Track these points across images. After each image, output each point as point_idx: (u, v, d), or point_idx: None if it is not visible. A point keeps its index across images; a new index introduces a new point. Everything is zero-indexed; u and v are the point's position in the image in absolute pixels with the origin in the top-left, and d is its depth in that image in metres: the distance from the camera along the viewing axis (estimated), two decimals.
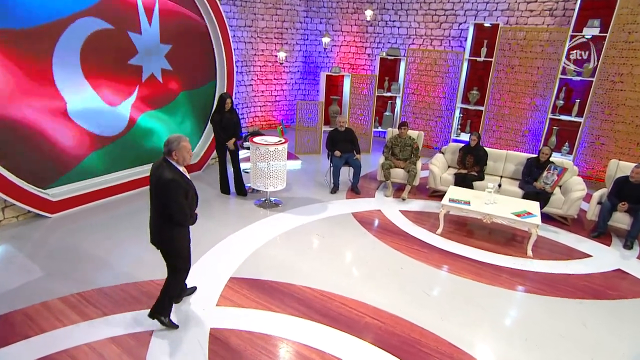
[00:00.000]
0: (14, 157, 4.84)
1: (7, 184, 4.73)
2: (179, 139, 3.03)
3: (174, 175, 2.97)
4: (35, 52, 4.79)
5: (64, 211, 5.33)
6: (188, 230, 3.31)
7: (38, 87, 4.91)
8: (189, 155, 3.10)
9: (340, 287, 4.07)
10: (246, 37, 9.36)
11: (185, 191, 3.04)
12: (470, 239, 5.17)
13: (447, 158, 6.74)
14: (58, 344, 3.19)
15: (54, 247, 4.59)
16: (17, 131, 4.82)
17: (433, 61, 8.54)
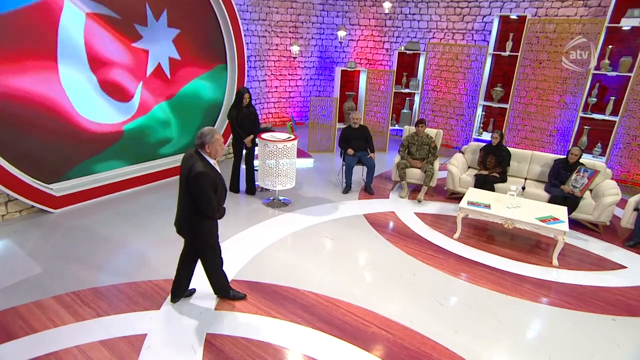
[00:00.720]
0: (19, 151, 4.83)
1: (10, 178, 4.71)
2: (212, 132, 3.05)
3: (205, 168, 2.99)
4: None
5: (67, 207, 5.30)
6: (216, 222, 3.30)
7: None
8: (221, 149, 3.14)
9: (347, 293, 3.87)
10: (260, 31, 9.24)
11: (215, 185, 3.06)
12: (490, 245, 4.89)
13: (467, 158, 6.44)
14: (47, 345, 3.10)
15: (54, 244, 4.54)
16: (22, 124, 4.81)
17: (455, 56, 8.22)
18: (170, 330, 3.31)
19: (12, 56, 4.58)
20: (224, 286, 3.63)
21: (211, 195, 3.04)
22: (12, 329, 3.24)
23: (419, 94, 8.63)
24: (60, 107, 5.12)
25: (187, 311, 3.54)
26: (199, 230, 3.20)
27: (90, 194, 5.51)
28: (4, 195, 4.83)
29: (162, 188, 6.14)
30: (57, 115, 5.11)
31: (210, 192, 3.03)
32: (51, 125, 5.07)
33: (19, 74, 4.66)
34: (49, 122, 5.04)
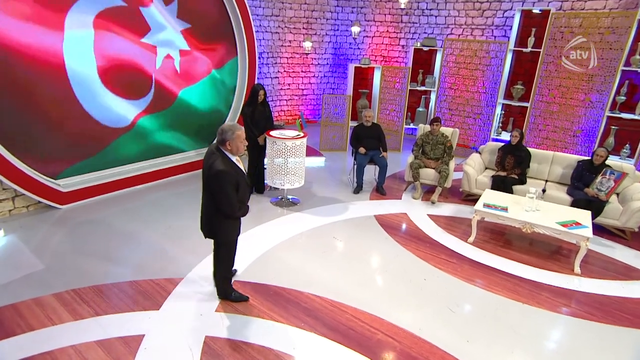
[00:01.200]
0: (28, 145, 4.85)
1: (18, 173, 4.73)
2: (233, 128, 2.99)
3: (225, 166, 2.96)
4: None
5: (74, 203, 5.31)
6: (239, 222, 3.30)
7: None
8: (242, 145, 3.06)
9: (354, 297, 3.74)
10: (273, 27, 9.16)
11: (235, 183, 3.02)
12: (507, 250, 4.68)
13: (485, 158, 6.22)
14: (43, 344, 3.06)
15: (59, 240, 4.54)
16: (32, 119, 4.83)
17: (473, 52, 7.98)
18: (169, 332, 3.23)
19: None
20: (226, 289, 3.58)
21: (231, 194, 3.00)
22: (9, 326, 3.22)
23: (435, 91, 8.42)
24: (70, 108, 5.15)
25: (187, 312, 3.46)
26: (217, 227, 3.22)
27: (98, 190, 5.51)
28: (11, 190, 4.86)
29: (170, 185, 6.12)
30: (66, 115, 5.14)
31: (231, 191, 2.99)
32: (60, 121, 5.09)
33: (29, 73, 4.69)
34: (57, 118, 5.06)
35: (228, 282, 3.60)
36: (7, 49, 4.46)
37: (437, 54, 8.52)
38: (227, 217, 3.14)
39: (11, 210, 4.97)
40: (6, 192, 4.86)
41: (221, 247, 3.38)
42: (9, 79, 4.56)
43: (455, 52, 8.17)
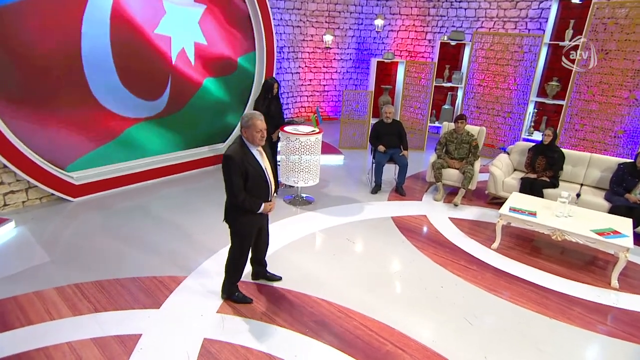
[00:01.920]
0: (40, 139, 4.90)
1: (31, 165, 4.78)
2: (251, 116, 2.99)
3: (232, 152, 2.96)
4: None
5: (86, 196, 5.34)
6: (257, 217, 3.23)
7: None
8: (259, 136, 3.01)
9: (364, 303, 3.54)
10: (294, 20, 9.05)
11: (243, 172, 2.98)
12: (534, 259, 4.37)
13: (513, 159, 5.88)
14: (39, 339, 3.02)
15: (68, 233, 4.56)
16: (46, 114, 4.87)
17: (505, 47, 7.59)
18: (167, 332, 3.14)
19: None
20: (230, 289, 3.49)
21: (234, 180, 2.98)
22: (8, 319, 3.20)
23: (462, 88, 8.08)
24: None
25: (187, 311, 3.36)
26: (233, 215, 3.20)
27: (110, 183, 5.53)
28: (24, 182, 4.92)
29: (183, 181, 6.09)
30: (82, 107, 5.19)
31: (233, 177, 2.97)
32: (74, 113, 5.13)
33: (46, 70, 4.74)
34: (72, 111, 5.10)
35: (235, 278, 3.47)
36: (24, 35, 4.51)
37: (465, 48, 8.18)
38: (232, 204, 3.15)
39: (25, 202, 5.04)
40: (20, 183, 4.93)
41: (233, 237, 3.30)
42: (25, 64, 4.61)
43: (485, 46, 7.80)
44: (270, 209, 3.25)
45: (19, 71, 4.59)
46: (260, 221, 3.32)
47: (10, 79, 4.55)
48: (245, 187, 3.06)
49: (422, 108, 8.11)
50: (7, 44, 4.43)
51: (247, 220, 3.21)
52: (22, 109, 4.69)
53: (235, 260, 3.38)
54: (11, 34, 4.43)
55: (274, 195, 3.36)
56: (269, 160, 3.24)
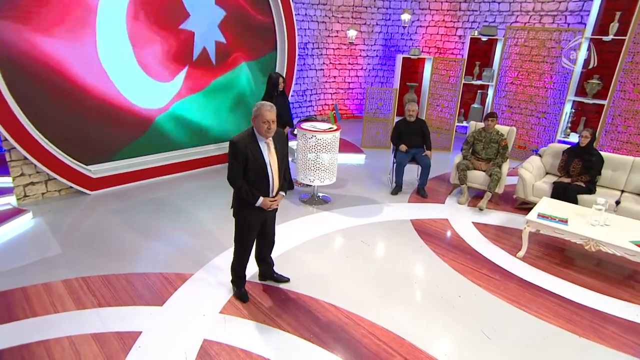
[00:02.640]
0: (60, 131, 4.99)
1: (50, 157, 4.87)
2: (260, 105, 2.95)
3: (238, 138, 2.96)
4: None
5: (103, 189, 5.40)
6: (259, 211, 3.13)
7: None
8: (265, 127, 2.93)
9: (373, 310, 3.37)
10: (319, 16, 8.92)
11: (240, 157, 2.95)
12: (564, 270, 4.05)
13: (546, 162, 5.53)
14: (41, 332, 3.02)
15: (82, 226, 4.60)
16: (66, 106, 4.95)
17: (541, 42, 7.19)
18: (167, 331, 3.07)
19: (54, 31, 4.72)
20: (235, 282, 3.48)
21: (233, 166, 2.99)
22: (14, 310, 3.23)
23: (493, 86, 7.71)
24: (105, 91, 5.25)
25: (190, 310, 3.29)
26: (236, 202, 3.18)
27: (127, 177, 5.58)
28: (44, 174, 5.02)
29: (201, 176, 6.08)
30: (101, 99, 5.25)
31: (234, 162, 2.98)
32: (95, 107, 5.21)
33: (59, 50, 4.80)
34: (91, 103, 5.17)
35: (236, 272, 3.41)
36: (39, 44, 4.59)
37: (498, 44, 7.81)
38: (235, 193, 3.14)
39: (44, 194, 5.14)
40: (39, 175, 5.03)
41: (235, 228, 3.25)
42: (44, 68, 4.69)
43: (519, 42, 7.42)
44: (270, 206, 3.13)
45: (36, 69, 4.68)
46: (263, 216, 3.20)
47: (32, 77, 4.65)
48: (245, 177, 3.01)
49: (449, 107, 7.81)
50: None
51: (248, 212, 3.13)
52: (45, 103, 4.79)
53: (237, 252, 3.31)
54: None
55: (280, 194, 3.23)
56: (275, 158, 3.11)
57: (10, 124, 4.50)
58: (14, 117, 4.50)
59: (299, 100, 9.31)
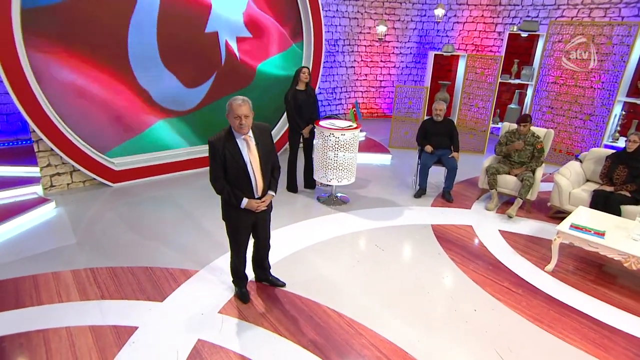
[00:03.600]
0: (84, 124, 5.12)
1: (75, 150, 5.01)
2: (230, 101, 2.76)
3: (215, 138, 2.82)
4: None
5: (125, 182, 5.50)
6: (246, 213, 2.99)
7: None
8: (237, 122, 2.74)
9: (379, 319, 3.17)
10: (351, 12, 8.73)
11: (218, 157, 2.81)
12: (599, 288, 3.67)
13: (587, 168, 5.08)
14: (42, 321, 3.06)
15: (99, 217, 4.69)
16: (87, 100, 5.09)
17: (590, 38, 6.64)
18: (163, 327, 3.03)
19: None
20: (234, 282, 3.39)
21: (212, 165, 2.86)
22: (22, 297, 3.30)
23: (533, 85, 7.22)
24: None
25: (189, 308, 3.23)
26: (222, 212, 3.08)
27: (149, 171, 5.66)
28: (69, 165, 5.16)
29: None
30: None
31: (213, 163, 2.85)
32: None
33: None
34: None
35: (236, 273, 3.32)
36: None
37: (539, 41, 7.30)
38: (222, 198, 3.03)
39: (69, 184, 5.30)
40: (65, 166, 5.18)
41: (227, 232, 3.15)
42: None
43: (564, 38, 6.90)
44: (257, 207, 2.98)
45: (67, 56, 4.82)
46: (252, 218, 3.05)
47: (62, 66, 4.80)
48: (226, 178, 2.88)
49: (484, 107, 7.39)
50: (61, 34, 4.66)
51: (235, 215, 3.00)
52: (69, 94, 4.94)
53: (231, 253, 3.22)
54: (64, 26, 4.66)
55: (269, 194, 3.07)
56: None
57: (37, 116, 4.65)
58: (41, 109, 4.65)
59: (328, 98, 9.17)
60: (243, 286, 3.36)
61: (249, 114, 2.78)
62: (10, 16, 4.24)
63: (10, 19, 4.24)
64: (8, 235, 4.22)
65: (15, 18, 4.28)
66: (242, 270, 3.30)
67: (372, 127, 8.76)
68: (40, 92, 4.63)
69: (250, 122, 2.81)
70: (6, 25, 4.24)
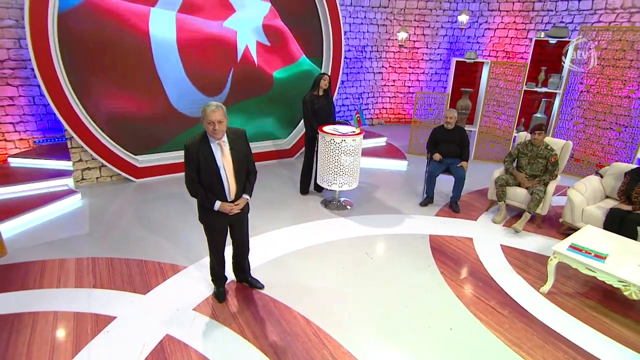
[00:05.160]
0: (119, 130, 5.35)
1: (103, 147, 5.24)
2: (204, 107, 2.69)
3: (189, 141, 2.77)
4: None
5: (146, 178, 5.66)
6: (221, 217, 2.94)
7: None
8: (210, 128, 2.68)
9: (346, 332, 2.98)
10: (379, 19, 8.45)
11: (192, 161, 2.75)
12: (599, 317, 3.21)
13: (606, 184, 4.51)
14: (37, 304, 3.18)
15: (117, 210, 4.84)
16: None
17: (628, 45, 5.92)
18: (137, 320, 3.04)
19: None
20: (213, 281, 3.34)
21: (187, 169, 2.81)
22: (27, 280, 3.46)
23: (560, 94, 6.56)
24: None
25: (166, 303, 3.22)
26: (198, 214, 3.04)
27: (169, 169, 5.78)
28: (98, 161, 5.40)
29: None
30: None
31: (187, 167, 2.80)
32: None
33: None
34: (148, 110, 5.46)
35: (213, 272, 3.27)
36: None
37: (570, 47, 6.61)
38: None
39: (98, 178, 5.55)
40: (94, 161, 5.42)
41: (204, 230, 3.10)
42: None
43: (600, 44, 6.19)
44: (231, 210, 2.89)
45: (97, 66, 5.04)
46: (227, 220, 2.98)
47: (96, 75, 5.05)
48: (200, 181, 2.81)
49: (508, 114, 6.84)
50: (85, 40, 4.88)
51: (210, 217, 2.95)
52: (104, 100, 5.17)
53: (210, 257, 3.16)
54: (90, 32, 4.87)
55: (243, 198, 2.98)
56: (230, 161, 2.84)
57: (69, 116, 4.90)
58: (72, 110, 4.89)
59: (354, 103, 8.95)
60: (220, 285, 3.30)
61: (223, 119, 2.71)
62: (46, 24, 4.50)
63: (46, 27, 4.51)
64: (35, 223, 4.46)
65: (51, 25, 4.54)
66: (219, 271, 3.24)
67: (396, 132, 8.44)
68: (73, 96, 4.88)
69: (223, 127, 2.74)
70: (44, 34, 4.51)
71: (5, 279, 3.46)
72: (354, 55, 8.53)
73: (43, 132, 6.17)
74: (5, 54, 5.59)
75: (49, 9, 4.53)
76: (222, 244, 3.11)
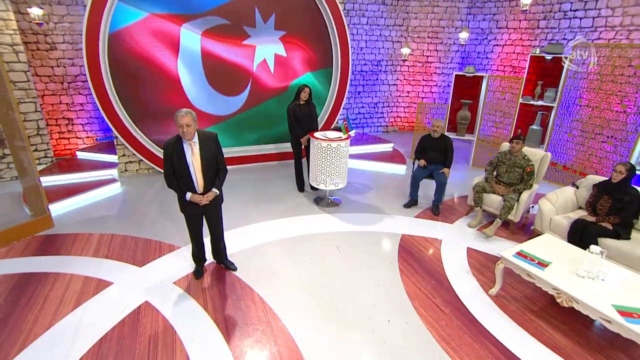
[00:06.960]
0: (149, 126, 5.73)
1: (140, 145, 5.64)
2: (176, 113, 2.84)
3: (167, 141, 2.93)
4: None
5: None
6: (194, 207, 3.09)
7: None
8: (181, 131, 2.84)
9: (294, 315, 3.00)
10: (394, 36, 8.25)
11: (167, 157, 2.92)
12: (537, 321, 2.95)
13: (580, 195, 4.11)
14: (61, 266, 3.52)
15: (146, 197, 5.16)
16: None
17: (621, 61, 5.32)
18: (127, 287, 3.27)
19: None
20: (192, 257, 3.46)
21: (164, 164, 2.97)
22: (62, 248, 3.84)
23: (555, 108, 6.02)
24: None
25: (155, 275, 3.43)
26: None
27: None
28: (137, 156, 5.82)
29: (246, 171, 6.26)
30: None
31: (164, 161, 2.96)
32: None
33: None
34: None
35: (193, 253, 3.42)
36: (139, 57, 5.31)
37: (566, 62, 6.04)
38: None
39: (138, 170, 5.98)
40: (134, 156, 5.85)
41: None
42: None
43: (600, 61, 5.61)
44: (200, 201, 3.02)
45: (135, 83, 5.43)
46: (200, 209, 3.11)
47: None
48: (175, 175, 2.97)
49: (503, 124, 6.40)
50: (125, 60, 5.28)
51: (186, 205, 3.10)
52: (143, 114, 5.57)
53: (191, 240, 3.32)
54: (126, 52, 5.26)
55: (212, 191, 3.08)
56: (199, 159, 2.96)
57: (114, 119, 5.35)
58: (116, 114, 5.33)
59: (370, 111, 8.83)
60: (199, 264, 3.45)
61: (191, 123, 2.84)
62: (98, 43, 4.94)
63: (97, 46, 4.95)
64: (83, 203, 4.92)
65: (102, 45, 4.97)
66: (197, 253, 3.39)
67: (405, 140, 8.21)
68: (118, 103, 5.31)
69: (192, 130, 2.87)
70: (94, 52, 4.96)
71: (47, 246, 3.87)
72: (370, 68, 8.40)
73: (104, 132, 6.76)
74: (79, 70, 6.20)
75: (100, 33, 4.95)
76: (198, 230, 3.25)
